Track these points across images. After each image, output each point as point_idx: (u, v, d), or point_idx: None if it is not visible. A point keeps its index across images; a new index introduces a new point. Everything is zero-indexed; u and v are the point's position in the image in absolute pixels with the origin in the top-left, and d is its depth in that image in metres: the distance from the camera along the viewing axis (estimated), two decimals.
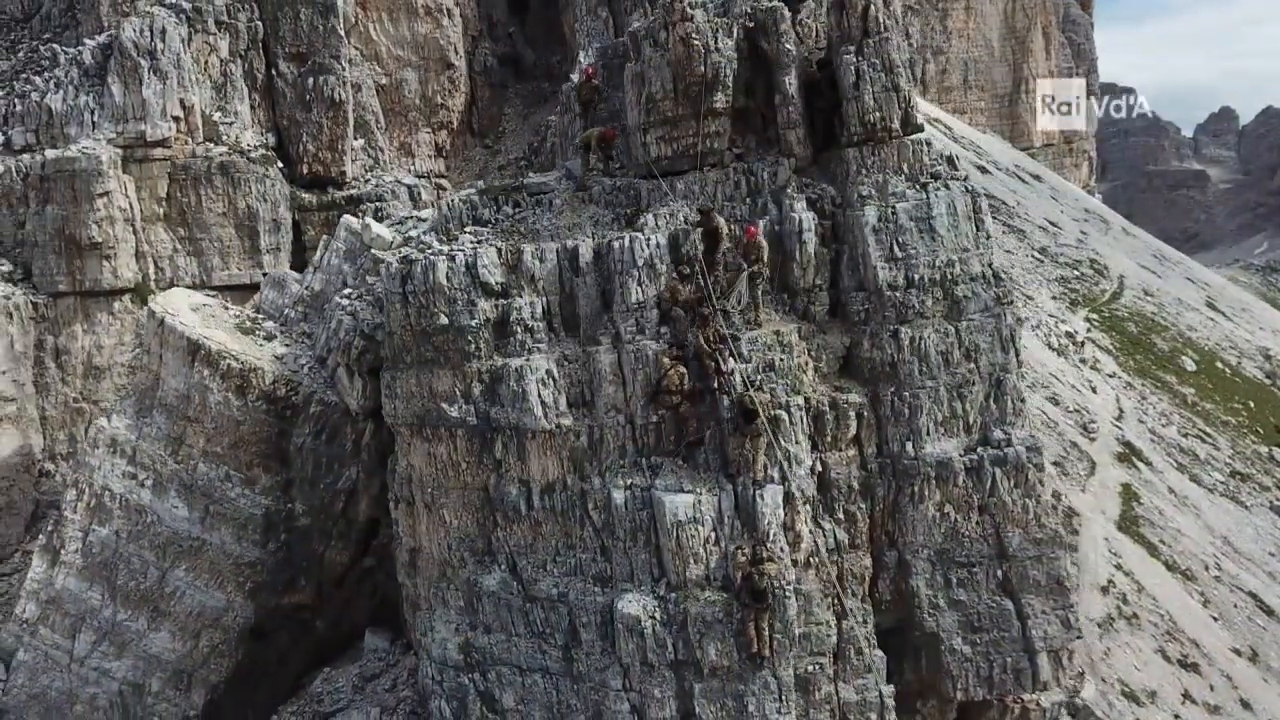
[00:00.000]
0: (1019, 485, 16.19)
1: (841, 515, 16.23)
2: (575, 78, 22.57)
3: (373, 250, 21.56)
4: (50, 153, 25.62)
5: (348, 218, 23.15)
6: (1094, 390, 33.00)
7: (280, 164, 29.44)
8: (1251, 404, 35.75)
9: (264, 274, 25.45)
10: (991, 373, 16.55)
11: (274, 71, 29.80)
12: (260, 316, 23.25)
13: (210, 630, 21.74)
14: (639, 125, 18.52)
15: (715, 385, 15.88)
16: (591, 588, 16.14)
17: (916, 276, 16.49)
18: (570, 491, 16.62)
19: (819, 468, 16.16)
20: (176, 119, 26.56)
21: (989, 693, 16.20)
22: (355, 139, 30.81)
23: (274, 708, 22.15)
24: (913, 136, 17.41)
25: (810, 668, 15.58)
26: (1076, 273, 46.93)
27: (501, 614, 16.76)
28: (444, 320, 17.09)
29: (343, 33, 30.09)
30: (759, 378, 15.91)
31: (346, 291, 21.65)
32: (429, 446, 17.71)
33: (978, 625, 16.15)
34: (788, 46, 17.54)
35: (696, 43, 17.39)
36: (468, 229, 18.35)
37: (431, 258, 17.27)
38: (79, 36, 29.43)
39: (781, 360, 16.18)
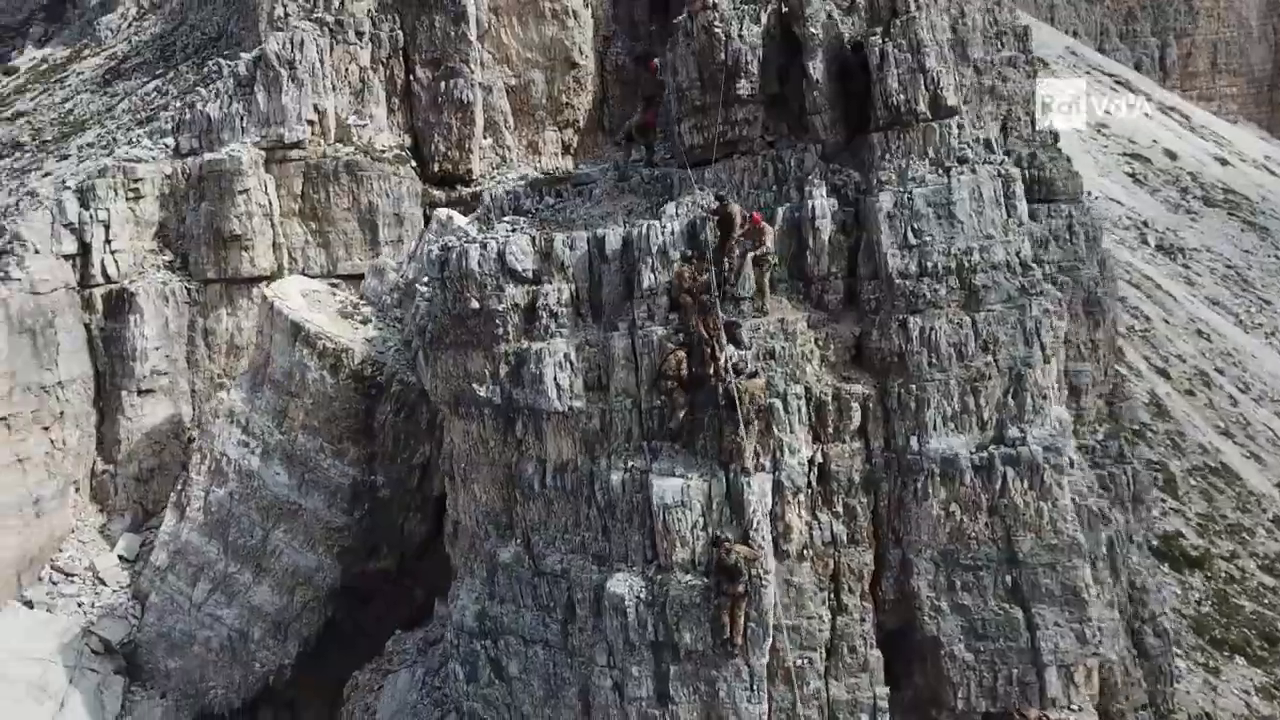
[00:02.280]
0: (1033, 487, 15.20)
1: (841, 509, 15.81)
2: None
3: None
4: (207, 155, 28.77)
5: (439, 210, 24.67)
6: None
7: (414, 163, 31.59)
8: None
9: None
10: (1011, 367, 15.60)
11: (411, 77, 31.97)
12: (361, 302, 25.19)
13: (303, 588, 23.83)
14: (675, 115, 18.76)
15: (712, 372, 15.89)
16: (590, 565, 16.54)
17: (930, 264, 15.80)
18: (580, 472, 17.06)
19: (819, 459, 15.83)
20: (311, 123, 29.16)
21: (993, 704, 15.30)
22: (484, 138, 32.49)
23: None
24: (943, 120, 16.65)
25: (799, 661, 15.35)
26: None
27: (513, 586, 17.45)
28: (475, 305, 17.94)
29: (473, 38, 31.79)
30: (757, 366, 15.79)
31: (427, 279, 23.07)
32: (464, 424, 18.67)
33: (982, 632, 15.30)
34: (812, 30, 17.20)
35: (718, 30, 17.42)
36: (506, 218, 19.21)
37: (465, 245, 18.21)
38: (241, 51, 32.86)
39: (783, 349, 15.95)
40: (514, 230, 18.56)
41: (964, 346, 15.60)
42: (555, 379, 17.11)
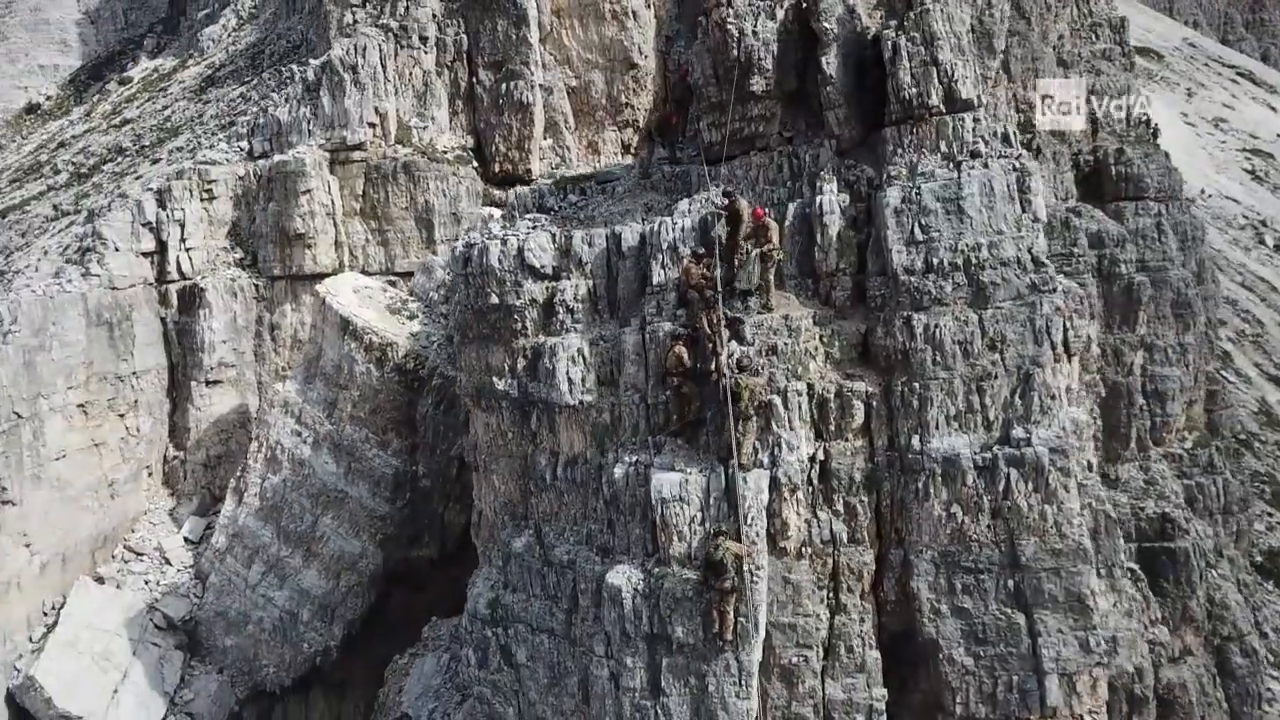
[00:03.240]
0: (1038, 489, 14.74)
1: (841, 507, 15.61)
2: None
3: None
4: (276, 157, 30.09)
5: (484, 209, 25.26)
6: None
7: (476, 163, 32.37)
8: None
9: None
10: (1020, 366, 15.16)
11: (474, 79, 32.77)
12: (410, 298, 25.98)
13: (348, 573, 24.74)
14: (695, 112, 18.84)
15: (713, 367, 15.90)
16: (594, 557, 16.74)
17: (936, 260, 15.48)
18: (590, 465, 17.33)
19: (821, 456, 15.68)
20: (372, 125, 30.20)
21: (992, 711, 14.86)
22: (544, 139, 33.08)
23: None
24: (958, 113, 16.29)
25: (795, 659, 15.25)
26: None
27: (524, 575, 17.82)
28: (495, 300, 18.39)
29: (533, 41, 32.41)
30: (759, 362, 15.74)
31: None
32: (485, 417, 19.14)
33: (982, 637, 14.90)
34: (827, 24, 17.02)
35: (731, 27, 17.42)
36: (529, 215, 19.57)
37: (486, 242, 18.66)
38: (312, 58, 34.19)
39: (786, 344, 15.84)
40: (535, 227, 18.90)
41: (970, 344, 15.23)
42: (568, 373, 17.40)
